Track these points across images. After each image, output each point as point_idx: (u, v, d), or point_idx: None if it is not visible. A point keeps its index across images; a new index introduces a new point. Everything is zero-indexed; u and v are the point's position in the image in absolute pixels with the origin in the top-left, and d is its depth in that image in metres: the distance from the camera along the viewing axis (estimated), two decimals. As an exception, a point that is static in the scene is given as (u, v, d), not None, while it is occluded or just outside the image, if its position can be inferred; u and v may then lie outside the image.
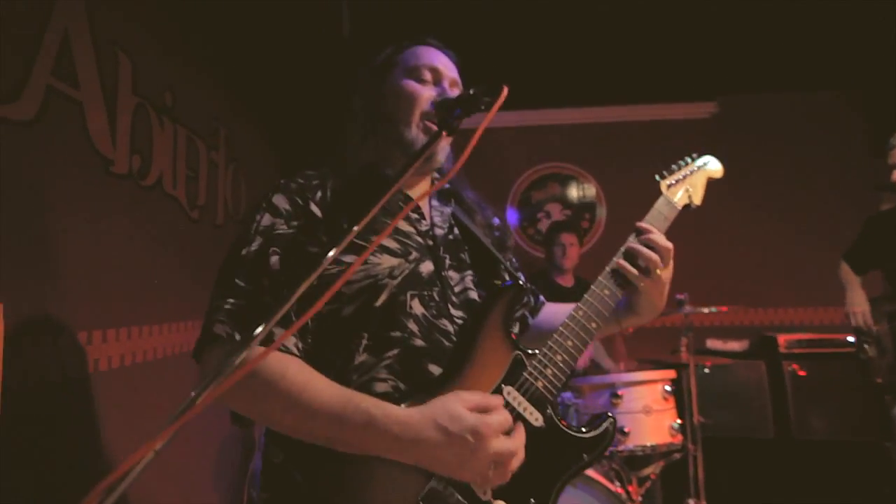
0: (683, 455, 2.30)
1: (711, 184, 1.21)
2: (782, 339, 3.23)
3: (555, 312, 1.25)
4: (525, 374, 0.92)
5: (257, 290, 0.86)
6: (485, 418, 0.82)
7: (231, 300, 0.86)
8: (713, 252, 3.67)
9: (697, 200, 1.17)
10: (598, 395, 2.14)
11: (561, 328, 0.97)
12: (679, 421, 2.23)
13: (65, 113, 1.58)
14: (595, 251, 3.79)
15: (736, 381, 3.21)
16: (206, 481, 2.56)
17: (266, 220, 0.92)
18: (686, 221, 1.21)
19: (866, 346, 2.13)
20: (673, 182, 1.16)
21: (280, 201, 0.93)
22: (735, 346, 3.37)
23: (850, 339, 2.69)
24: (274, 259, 0.88)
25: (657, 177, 1.17)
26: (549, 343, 0.96)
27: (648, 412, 2.10)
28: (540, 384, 0.92)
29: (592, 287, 1.02)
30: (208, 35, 2.57)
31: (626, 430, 2.08)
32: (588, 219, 3.95)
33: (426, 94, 1.01)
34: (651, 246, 1.02)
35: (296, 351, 0.86)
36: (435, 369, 0.90)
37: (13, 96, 1.38)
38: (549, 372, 0.93)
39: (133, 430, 1.91)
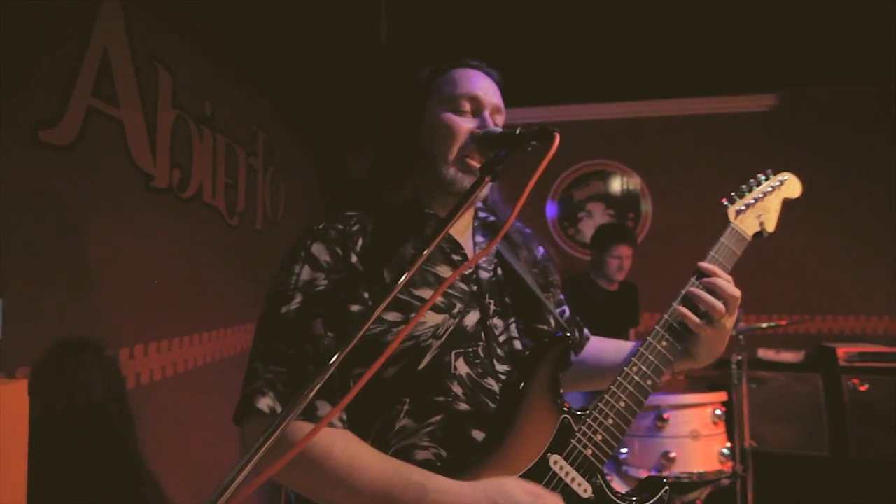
0: (732, 480, 2.18)
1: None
2: (842, 351, 3.03)
3: (600, 349, 1.16)
4: (573, 440, 0.86)
5: (300, 357, 0.81)
6: (538, 501, 0.77)
7: (273, 367, 0.81)
8: (766, 256, 3.46)
9: (771, 227, 1.04)
10: (642, 417, 2.05)
11: (613, 388, 0.90)
12: (729, 445, 2.12)
13: (105, 132, 1.59)
14: (641, 249, 3.65)
15: (790, 394, 3.04)
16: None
17: (306, 273, 0.86)
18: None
19: None
20: (742, 208, 1.03)
21: (320, 251, 0.88)
22: (790, 357, 3.18)
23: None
24: (317, 323, 0.83)
25: (725, 202, 1.04)
26: (600, 405, 0.88)
27: (696, 437, 2.00)
28: (589, 452, 0.85)
29: (648, 338, 0.93)
30: (245, 41, 2.55)
31: (671, 455, 1.99)
32: (633, 218, 3.79)
33: (465, 127, 0.93)
34: (715, 292, 0.92)
35: (339, 424, 0.82)
36: (478, 434, 0.85)
37: (54, 121, 1.39)
38: (598, 438, 0.86)
39: (177, 438, 1.95)
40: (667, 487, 0.91)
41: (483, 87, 0.97)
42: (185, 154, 2.01)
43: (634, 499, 0.88)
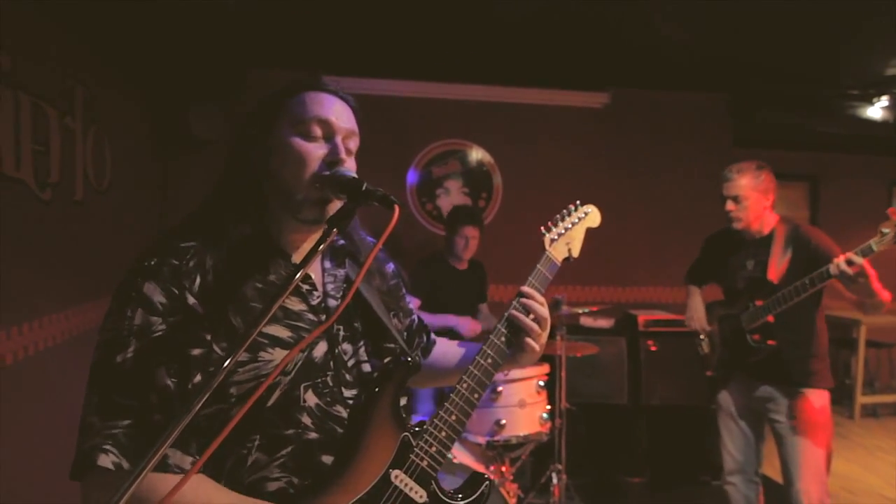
0: (551, 434, 2.57)
1: (595, 173, 1.25)
2: (641, 318, 3.65)
3: (444, 353, 1.26)
4: (412, 455, 0.96)
5: (145, 408, 0.78)
6: None
7: (113, 421, 0.77)
8: (592, 233, 3.97)
9: (576, 253, 1.22)
10: (480, 391, 2.29)
11: (447, 404, 1.02)
12: (549, 407, 2.48)
13: None
14: (494, 224, 3.93)
15: (602, 354, 3.59)
16: None
17: (140, 317, 0.81)
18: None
19: (702, 344, 2.47)
20: (556, 237, 1.19)
21: (153, 292, 0.82)
22: (604, 323, 3.74)
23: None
24: (160, 372, 0.80)
25: (543, 230, 1.19)
26: (436, 420, 1.00)
27: (523, 405, 2.31)
28: (425, 463, 0.97)
29: (476, 357, 1.06)
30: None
31: (502, 422, 2.27)
32: (485, 197, 4.04)
33: (316, 154, 0.91)
34: (530, 313, 1.08)
35: (189, 468, 0.81)
36: (328, 459, 0.90)
37: None
38: (433, 450, 0.98)
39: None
40: (488, 482, 1.07)
41: (336, 111, 0.94)
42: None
43: (460, 496, 1.03)
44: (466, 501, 1.03)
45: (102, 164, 2.61)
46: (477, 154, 4.03)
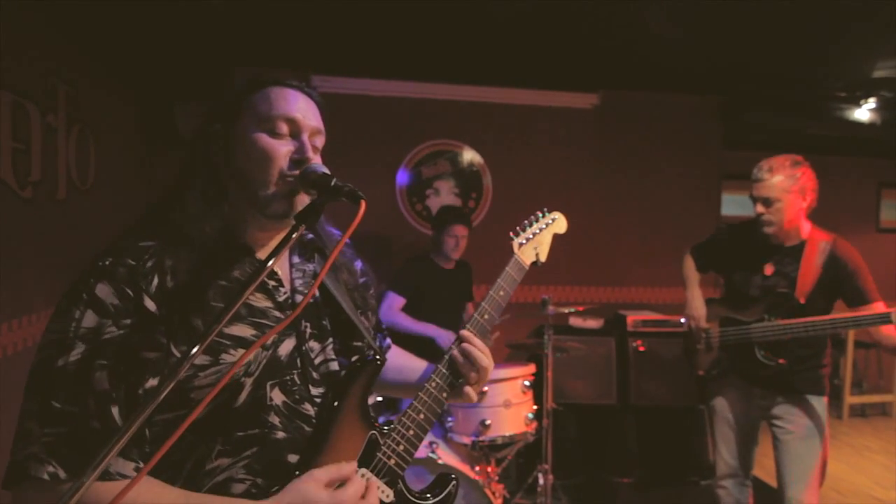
0: (538, 435, 2.56)
1: (584, 175, 1.26)
2: (630, 318, 3.65)
3: (396, 366, 1.20)
4: (379, 454, 0.96)
5: (82, 415, 0.74)
6: (338, 494, 0.84)
7: (51, 429, 0.74)
8: (582, 234, 3.98)
9: (543, 257, 1.23)
10: (464, 391, 2.28)
11: (415, 402, 1.01)
12: (535, 407, 2.47)
13: None
14: (482, 224, 3.93)
15: (591, 355, 3.59)
16: None
17: (89, 319, 0.77)
18: (560, 206, 1.30)
19: (698, 341, 2.35)
20: (524, 241, 1.20)
21: (106, 294, 0.78)
22: (593, 323, 3.74)
23: (683, 320, 3.12)
24: (99, 375, 0.75)
25: (511, 234, 1.21)
26: (403, 418, 1.00)
27: (508, 406, 2.30)
28: (392, 462, 0.96)
29: (438, 366, 1.05)
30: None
31: (487, 422, 2.27)
32: (475, 198, 4.04)
33: (283, 150, 0.88)
34: (470, 359, 1.03)
35: (134, 474, 0.78)
36: (294, 458, 0.88)
37: None
38: (401, 448, 0.98)
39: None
40: (455, 481, 1.06)
41: (301, 108, 0.92)
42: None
43: (429, 496, 1.03)
44: (433, 501, 1.02)
45: (86, 163, 2.59)
46: (467, 155, 4.03)
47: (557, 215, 1.28)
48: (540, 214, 1.26)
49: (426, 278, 3.00)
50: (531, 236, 1.21)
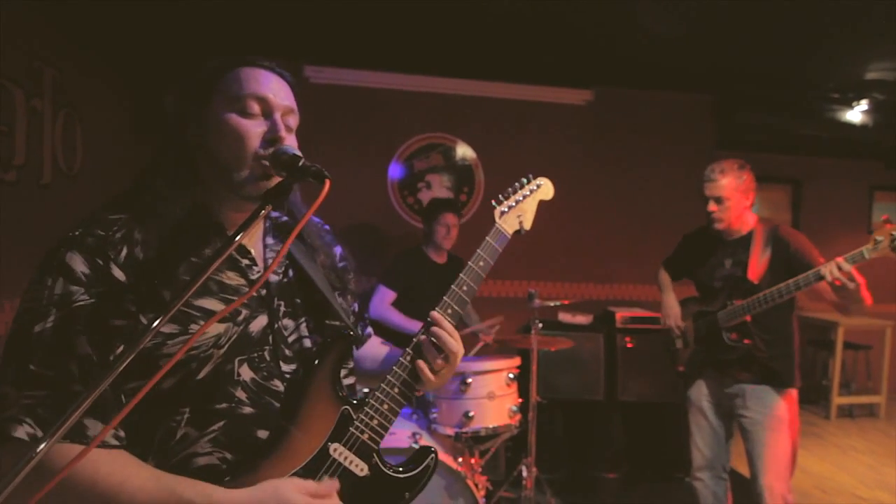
0: (523, 428, 2.56)
1: (577, 171, 1.22)
2: (619, 315, 3.66)
3: (374, 356, 1.20)
4: (352, 428, 0.95)
5: (64, 378, 0.76)
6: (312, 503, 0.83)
7: (30, 392, 0.75)
8: (573, 230, 3.99)
9: (528, 225, 1.18)
10: (449, 381, 2.27)
11: (389, 376, 1.00)
12: (520, 400, 2.47)
13: None
14: (473, 219, 3.93)
15: (580, 350, 3.59)
16: None
17: (60, 286, 0.79)
18: (551, 204, 1.25)
19: (676, 339, 2.47)
20: (506, 209, 1.16)
21: (76, 262, 0.80)
22: (582, 319, 3.74)
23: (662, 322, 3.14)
24: (81, 341, 0.78)
25: (493, 202, 1.17)
26: (377, 393, 0.99)
27: (492, 398, 2.29)
28: (366, 436, 0.96)
29: (407, 350, 1.03)
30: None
31: (471, 414, 2.26)
32: (467, 192, 4.04)
33: (255, 131, 0.88)
34: (439, 345, 1.00)
35: (115, 442, 0.79)
36: (263, 434, 0.88)
37: None
38: (375, 423, 0.97)
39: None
40: (433, 455, 1.05)
41: (273, 88, 0.91)
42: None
43: (401, 469, 1.02)
44: (410, 475, 1.01)
45: (73, 149, 2.57)
46: (460, 149, 4.02)
47: (543, 181, 1.22)
48: (524, 180, 1.20)
49: (417, 272, 2.99)
50: (514, 204, 1.17)
